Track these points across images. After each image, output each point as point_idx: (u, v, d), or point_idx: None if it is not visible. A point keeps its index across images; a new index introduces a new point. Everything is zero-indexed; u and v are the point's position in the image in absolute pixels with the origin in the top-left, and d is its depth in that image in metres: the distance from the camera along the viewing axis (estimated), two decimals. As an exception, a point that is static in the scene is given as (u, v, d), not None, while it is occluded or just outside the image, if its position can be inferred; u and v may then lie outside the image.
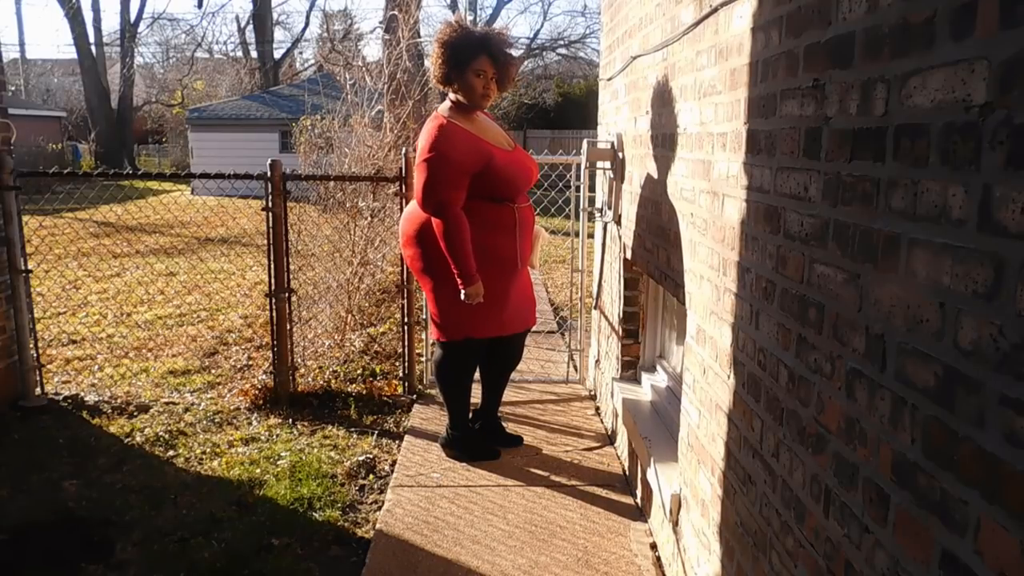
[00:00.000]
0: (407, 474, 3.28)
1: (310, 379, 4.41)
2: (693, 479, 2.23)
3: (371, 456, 3.50)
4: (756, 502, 1.72)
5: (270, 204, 4.01)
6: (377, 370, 4.72)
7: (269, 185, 4.01)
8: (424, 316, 4.48)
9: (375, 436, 3.74)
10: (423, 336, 4.51)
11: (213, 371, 4.79)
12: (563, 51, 30.14)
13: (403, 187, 4.13)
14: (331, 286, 5.39)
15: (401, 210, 4.15)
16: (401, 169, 4.14)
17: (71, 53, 28.63)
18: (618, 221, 3.56)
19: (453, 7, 30.11)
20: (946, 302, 0.99)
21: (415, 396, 4.26)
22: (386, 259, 6.47)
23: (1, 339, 3.99)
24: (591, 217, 4.36)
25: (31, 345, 4.14)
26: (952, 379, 0.97)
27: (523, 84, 25.23)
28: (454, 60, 3.02)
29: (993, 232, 0.89)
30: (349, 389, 4.33)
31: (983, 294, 0.91)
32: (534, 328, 5.96)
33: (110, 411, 4.02)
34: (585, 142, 3.80)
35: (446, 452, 3.44)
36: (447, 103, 3.12)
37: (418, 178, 3.00)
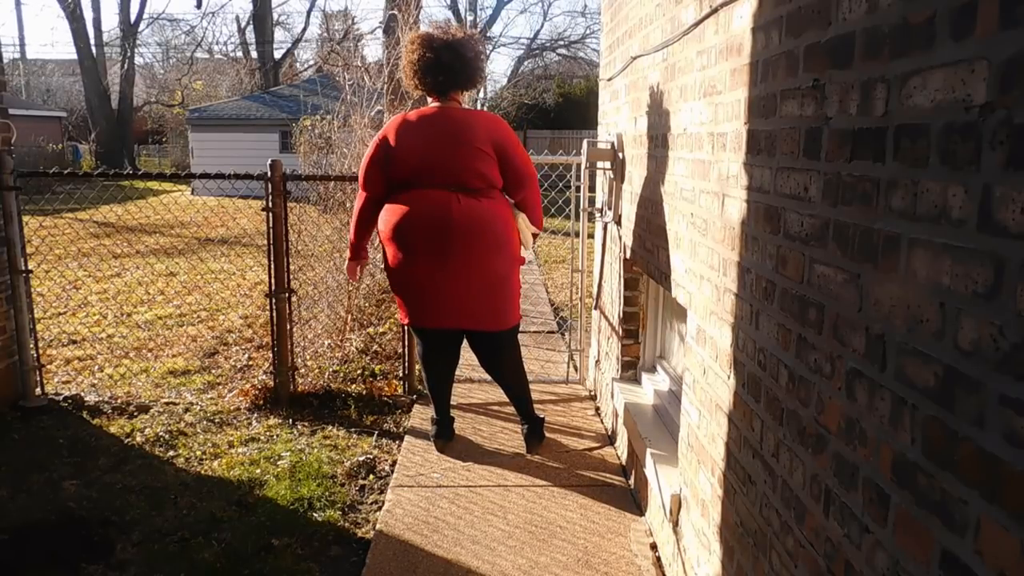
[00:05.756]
0: (407, 474, 3.28)
1: (310, 379, 4.41)
2: (693, 479, 2.23)
3: (371, 456, 3.50)
4: (756, 502, 1.72)
5: (270, 204, 4.01)
6: (377, 370, 4.72)
7: (269, 185, 4.01)
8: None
9: (375, 436, 3.74)
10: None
11: (213, 371, 4.79)
12: (563, 51, 30.16)
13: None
14: (331, 286, 5.39)
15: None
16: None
17: (71, 53, 28.67)
18: (618, 221, 3.56)
19: (453, 7, 30.13)
20: (946, 302, 0.99)
21: (415, 396, 4.26)
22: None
23: (1, 339, 3.99)
24: (591, 217, 4.36)
25: (31, 345, 4.14)
26: (952, 379, 0.97)
27: (523, 84, 25.24)
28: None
29: (993, 232, 0.89)
30: (349, 389, 4.33)
31: (983, 294, 0.91)
32: (534, 329, 5.96)
33: (110, 411, 4.02)
34: (585, 142, 3.80)
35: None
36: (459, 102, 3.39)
37: (525, 160, 3.32)
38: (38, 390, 4.19)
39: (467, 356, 3.69)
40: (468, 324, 3.33)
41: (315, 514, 3.00)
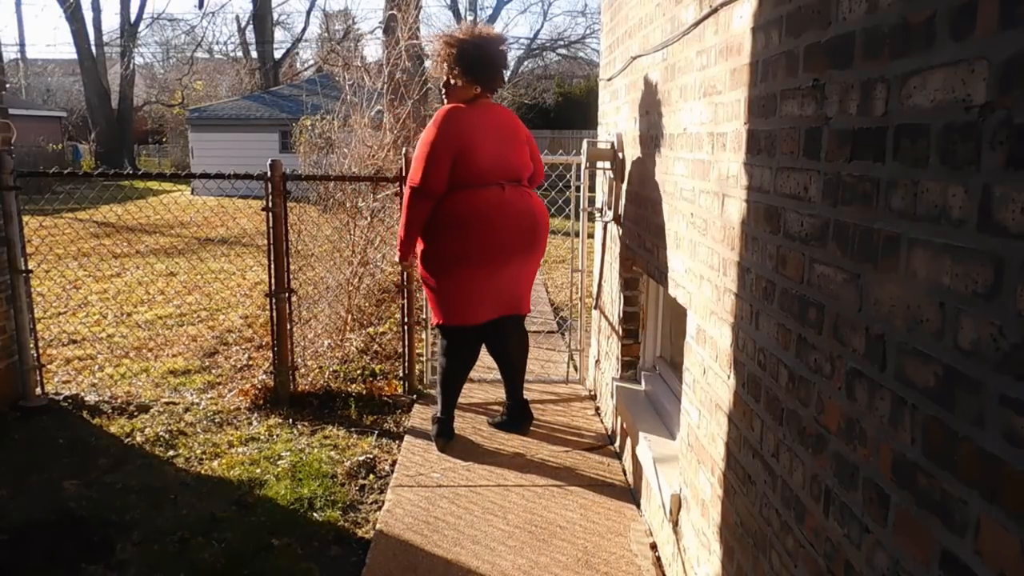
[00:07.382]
0: (407, 474, 3.28)
1: (310, 379, 4.41)
2: (693, 479, 2.23)
3: (371, 456, 3.50)
4: (756, 502, 1.72)
5: (270, 204, 4.01)
6: (377, 370, 4.72)
7: (269, 185, 4.01)
8: (424, 316, 4.48)
9: (375, 436, 3.74)
10: (423, 336, 4.51)
11: (213, 371, 4.79)
12: (563, 51, 30.17)
13: (403, 187, 4.12)
14: (331, 286, 5.39)
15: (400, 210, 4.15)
16: (401, 169, 4.14)
17: (71, 53, 28.65)
18: (618, 221, 3.56)
19: (453, 7, 30.14)
20: (946, 302, 0.99)
21: (415, 396, 4.26)
22: (386, 259, 6.47)
23: (1, 339, 3.99)
24: (591, 217, 4.36)
25: (31, 345, 4.14)
26: (952, 379, 0.97)
27: (523, 84, 25.25)
28: None
29: (993, 232, 0.89)
30: (349, 389, 4.33)
31: (983, 294, 0.91)
32: (534, 328, 5.96)
33: (110, 411, 4.02)
34: (585, 142, 3.80)
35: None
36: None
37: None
38: (38, 390, 4.19)
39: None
40: (517, 310, 3.49)
41: (315, 514, 3.00)
